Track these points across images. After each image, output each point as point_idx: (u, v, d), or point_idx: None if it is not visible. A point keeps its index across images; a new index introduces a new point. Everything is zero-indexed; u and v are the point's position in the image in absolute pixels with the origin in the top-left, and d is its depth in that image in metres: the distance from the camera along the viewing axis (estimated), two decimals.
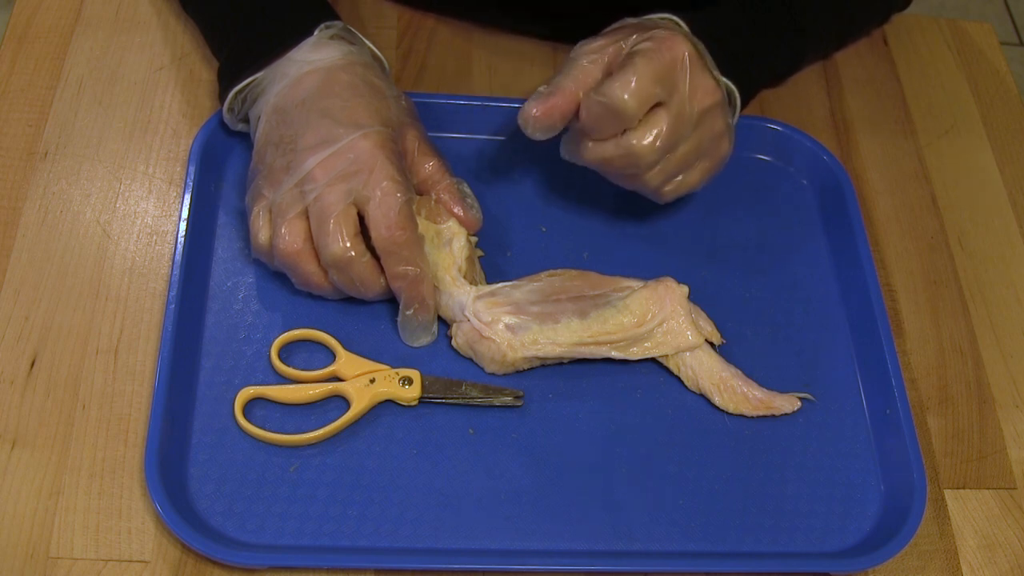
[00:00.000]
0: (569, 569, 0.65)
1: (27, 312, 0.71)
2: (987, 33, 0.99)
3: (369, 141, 0.68)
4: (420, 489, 0.67)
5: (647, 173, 0.71)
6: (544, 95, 0.69)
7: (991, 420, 0.76)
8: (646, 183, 0.72)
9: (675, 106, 0.68)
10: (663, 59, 0.67)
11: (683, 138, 0.70)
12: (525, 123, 0.69)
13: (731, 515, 0.69)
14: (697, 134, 0.71)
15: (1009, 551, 0.71)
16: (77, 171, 0.78)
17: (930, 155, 0.89)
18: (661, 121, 0.68)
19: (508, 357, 0.70)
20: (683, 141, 0.70)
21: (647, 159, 0.69)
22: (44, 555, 0.63)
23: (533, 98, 0.69)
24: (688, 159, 0.72)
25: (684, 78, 0.68)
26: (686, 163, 0.72)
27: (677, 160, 0.71)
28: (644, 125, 0.68)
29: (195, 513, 0.65)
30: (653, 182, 0.72)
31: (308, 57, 0.72)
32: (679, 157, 0.71)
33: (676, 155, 0.71)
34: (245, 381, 0.70)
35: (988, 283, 0.83)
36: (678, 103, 0.68)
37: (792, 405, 0.73)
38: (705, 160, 0.73)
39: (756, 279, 0.79)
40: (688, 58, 0.68)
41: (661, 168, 0.71)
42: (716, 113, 0.71)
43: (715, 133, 0.72)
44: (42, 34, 0.85)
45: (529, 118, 0.68)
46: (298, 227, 0.68)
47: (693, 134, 0.70)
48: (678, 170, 0.72)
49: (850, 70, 0.93)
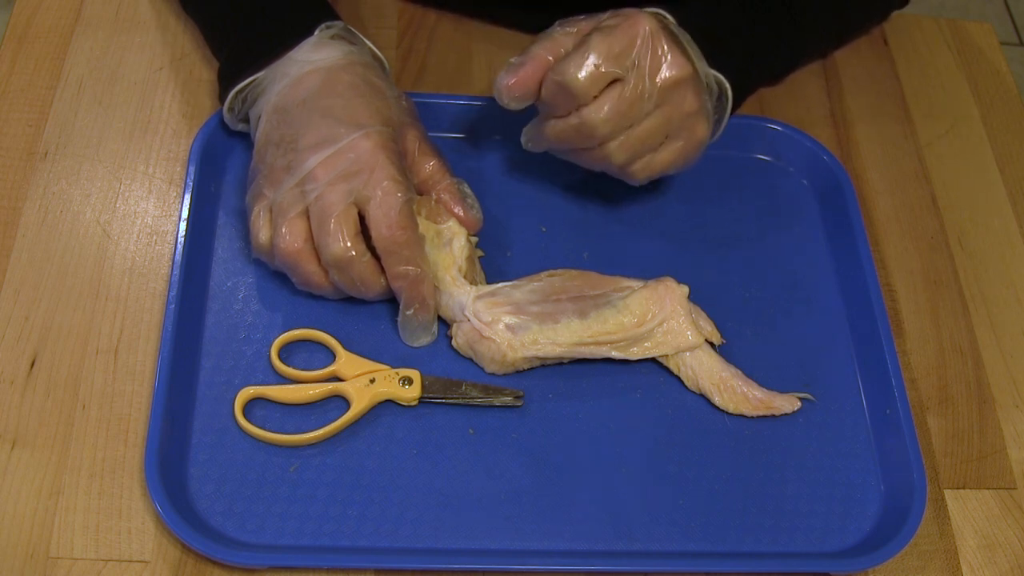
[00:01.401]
0: (569, 569, 0.65)
1: (27, 312, 0.71)
2: (987, 33, 0.99)
3: (370, 141, 0.68)
4: (420, 489, 0.67)
5: (607, 148, 0.71)
6: (516, 65, 0.70)
7: (991, 420, 0.76)
8: (609, 159, 0.72)
9: (632, 80, 0.68)
10: (622, 35, 0.68)
11: (643, 113, 0.70)
12: (499, 94, 0.70)
13: (731, 515, 0.69)
14: (664, 111, 0.70)
15: (1009, 551, 0.71)
16: (77, 171, 0.78)
17: (930, 155, 0.89)
18: (615, 93, 0.69)
19: (508, 357, 0.70)
20: (644, 116, 0.70)
21: (600, 131, 0.69)
22: (44, 555, 0.63)
23: (506, 68, 0.70)
24: (654, 135, 0.71)
25: (645, 54, 0.68)
26: (652, 140, 0.71)
27: (640, 136, 0.71)
28: (598, 99, 0.69)
29: (195, 513, 0.65)
30: (616, 158, 0.72)
31: (309, 57, 0.72)
32: (642, 133, 0.71)
33: (639, 131, 0.70)
34: (245, 381, 0.70)
35: (988, 283, 0.83)
36: (636, 77, 0.68)
37: (792, 405, 0.73)
38: (677, 140, 0.72)
39: (756, 279, 0.79)
40: (650, 33, 0.68)
41: (622, 144, 0.71)
42: (685, 90, 0.70)
43: (685, 111, 0.71)
44: (42, 34, 0.85)
45: (503, 88, 0.70)
46: (299, 227, 0.68)
47: (659, 111, 0.70)
48: (643, 147, 0.72)
49: (850, 69, 0.93)
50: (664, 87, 0.69)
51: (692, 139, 0.73)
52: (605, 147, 0.71)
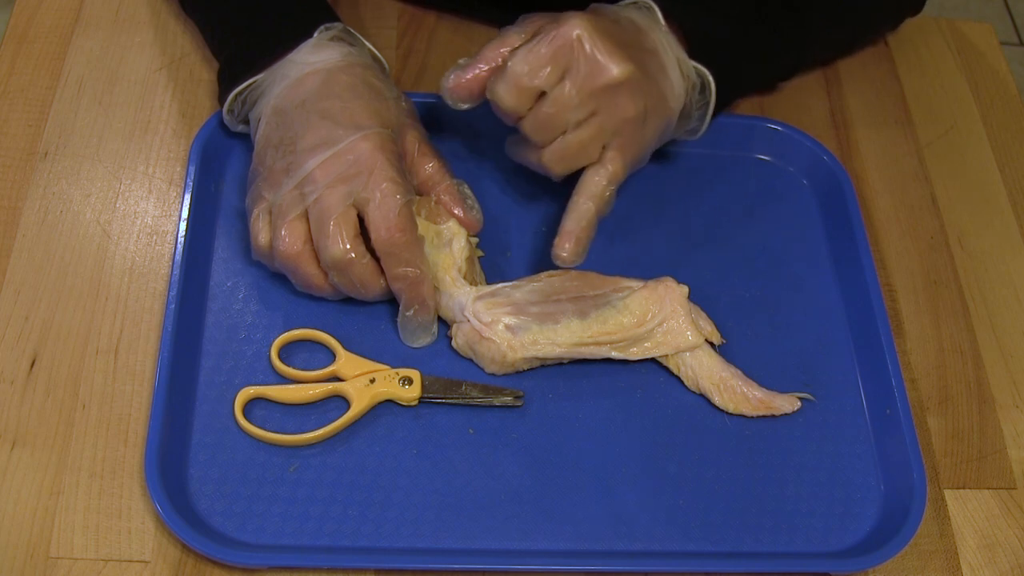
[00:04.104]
0: (569, 569, 0.65)
1: (27, 312, 0.71)
2: (987, 33, 0.99)
3: (369, 143, 0.68)
4: (420, 489, 0.67)
5: (542, 158, 0.70)
6: (462, 67, 0.71)
7: (991, 420, 0.76)
8: (547, 169, 0.71)
9: (554, 90, 0.68)
10: (549, 44, 0.67)
11: (573, 121, 0.68)
12: (443, 94, 0.71)
13: (731, 515, 0.69)
14: (598, 119, 0.69)
15: (1009, 551, 0.71)
16: (77, 171, 0.78)
17: (930, 155, 0.89)
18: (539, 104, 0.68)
19: (508, 358, 0.70)
20: (576, 125, 0.69)
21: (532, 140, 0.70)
22: (44, 555, 0.63)
23: (452, 69, 0.71)
24: (587, 144, 0.70)
25: (575, 60, 0.67)
26: (587, 149, 0.70)
27: (572, 145, 0.69)
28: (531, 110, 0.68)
29: (195, 513, 0.65)
30: (553, 168, 0.71)
31: (308, 59, 0.72)
32: (574, 142, 0.69)
33: (571, 140, 0.69)
34: (245, 381, 0.70)
35: (988, 283, 0.83)
36: (559, 88, 0.67)
37: (792, 405, 0.73)
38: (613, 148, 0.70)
39: (756, 279, 0.79)
40: (580, 38, 0.67)
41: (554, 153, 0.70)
42: (620, 95, 0.68)
43: (622, 117, 0.69)
44: (42, 34, 0.85)
45: (445, 90, 0.71)
46: (298, 229, 0.68)
47: (593, 119, 0.69)
48: (578, 156, 0.70)
49: (850, 70, 0.93)
50: (594, 94, 0.68)
51: (631, 146, 0.71)
52: (540, 157, 0.71)
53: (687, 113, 0.75)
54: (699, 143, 0.83)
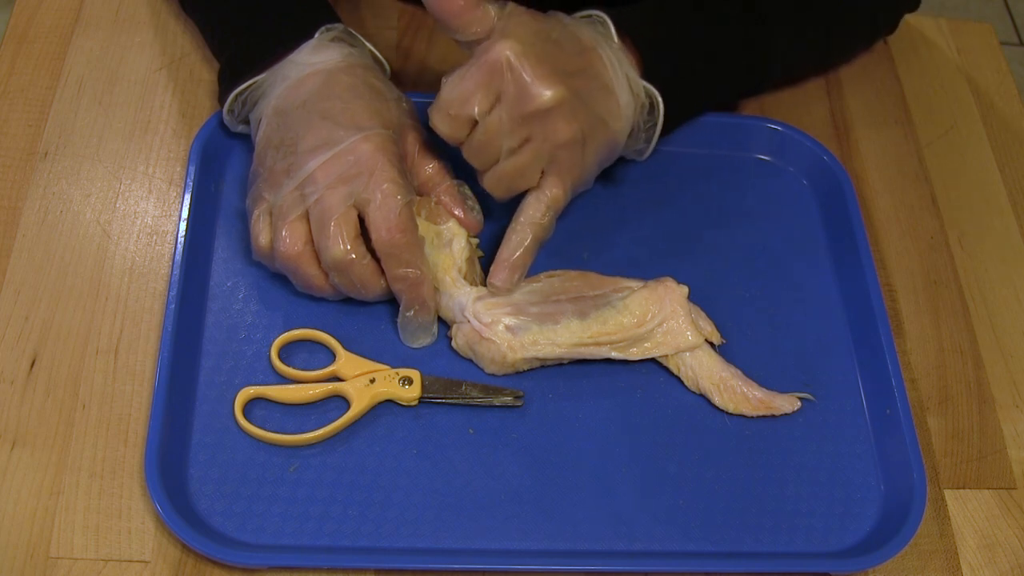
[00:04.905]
0: (569, 569, 0.65)
1: (27, 312, 0.72)
2: (987, 33, 0.99)
3: (370, 143, 0.68)
4: (420, 489, 0.67)
5: (485, 183, 0.70)
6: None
7: (991, 420, 0.76)
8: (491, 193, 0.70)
9: (486, 119, 0.66)
10: (477, 71, 0.66)
11: (506, 148, 0.67)
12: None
13: (731, 515, 0.69)
14: (533, 145, 0.68)
15: (1009, 551, 0.71)
16: (77, 171, 0.78)
17: (930, 155, 0.89)
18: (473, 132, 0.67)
19: (508, 358, 0.70)
20: (510, 152, 0.68)
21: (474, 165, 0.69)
22: (44, 555, 0.63)
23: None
24: (523, 170, 0.69)
25: (506, 85, 0.66)
26: (524, 174, 0.69)
27: (508, 171, 0.68)
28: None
29: (195, 513, 0.65)
30: (495, 193, 0.70)
31: (309, 59, 0.72)
32: (510, 168, 0.68)
33: (506, 166, 0.68)
34: (245, 381, 0.70)
35: (988, 283, 0.83)
36: (489, 115, 0.66)
37: (792, 405, 0.73)
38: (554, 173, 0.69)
39: (756, 279, 0.79)
40: (509, 63, 0.65)
41: (492, 178, 0.69)
42: (553, 119, 0.67)
43: (556, 142, 0.67)
44: (42, 34, 0.85)
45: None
46: (299, 230, 0.68)
47: (528, 145, 0.67)
48: (516, 181, 0.69)
49: (850, 70, 0.93)
50: (526, 119, 0.66)
51: (571, 170, 0.70)
52: (482, 182, 0.70)
53: (635, 133, 0.74)
54: (699, 143, 0.83)
